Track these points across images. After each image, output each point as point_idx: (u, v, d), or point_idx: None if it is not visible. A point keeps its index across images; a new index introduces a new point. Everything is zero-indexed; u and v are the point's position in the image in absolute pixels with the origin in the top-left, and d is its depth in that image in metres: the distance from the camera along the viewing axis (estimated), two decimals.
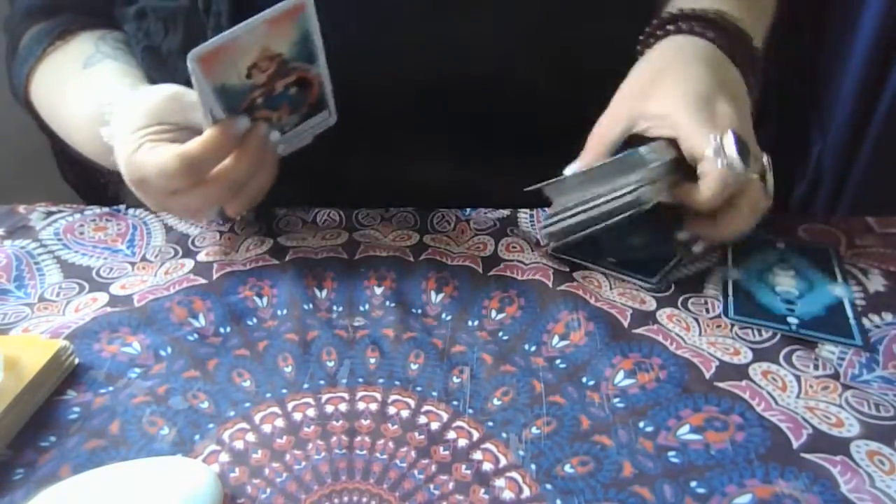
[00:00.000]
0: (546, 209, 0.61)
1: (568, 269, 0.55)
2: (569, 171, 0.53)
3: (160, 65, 0.61)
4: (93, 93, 0.59)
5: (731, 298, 0.52)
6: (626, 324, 0.50)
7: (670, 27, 0.56)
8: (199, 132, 0.50)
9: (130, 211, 0.61)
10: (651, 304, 0.51)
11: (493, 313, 0.51)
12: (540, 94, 0.61)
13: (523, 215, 0.61)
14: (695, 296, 0.52)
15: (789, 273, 0.54)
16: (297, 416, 0.43)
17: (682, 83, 0.52)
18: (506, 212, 0.61)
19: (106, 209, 0.61)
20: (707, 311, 0.51)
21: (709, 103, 0.50)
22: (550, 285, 0.53)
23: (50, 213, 0.61)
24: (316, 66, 0.50)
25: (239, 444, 0.41)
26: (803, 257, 0.55)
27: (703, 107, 0.50)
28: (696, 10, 0.55)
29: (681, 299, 0.52)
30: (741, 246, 0.56)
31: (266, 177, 0.52)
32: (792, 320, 0.50)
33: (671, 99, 0.51)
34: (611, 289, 0.53)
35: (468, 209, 0.62)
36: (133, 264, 0.56)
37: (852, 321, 0.49)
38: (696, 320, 0.50)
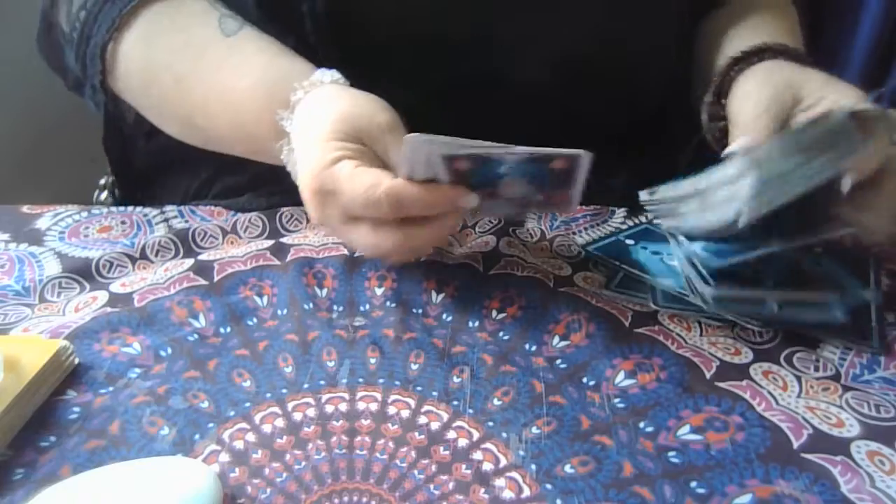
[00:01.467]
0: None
1: (570, 273, 0.55)
2: (736, 147, 0.50)
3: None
4: (255, 69, 0.54)
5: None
6: (626, 324, 0.50)
7: (743, 65, 0.56)
8: (381, 159, 0.47)
9: (137, 210, 0.61)
10: (652, 306, 0.51)
11: (494, 313, 0.51)
12: (554, 93, 0.61)
13: (531, 214, 0.61)
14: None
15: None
16: (298, 416, 0.43)
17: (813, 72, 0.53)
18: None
19: (113, 209, 0.61)
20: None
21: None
22: (552, 285, 0.53)
23: (56, 215, 0.61)
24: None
25: (239, 444, 0.41)
26: (838, 264, 0.54)
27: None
28: (776, 44, 0.57)
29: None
30: None
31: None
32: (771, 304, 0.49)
33: (821, 76, 0.52)
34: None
35: None
36: (133, 259, 0.56)
37: (874, 324, 0.49)
38: (698, 320, 0.50)
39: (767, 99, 0.51)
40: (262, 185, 0.64)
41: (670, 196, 0.53)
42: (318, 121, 0.48)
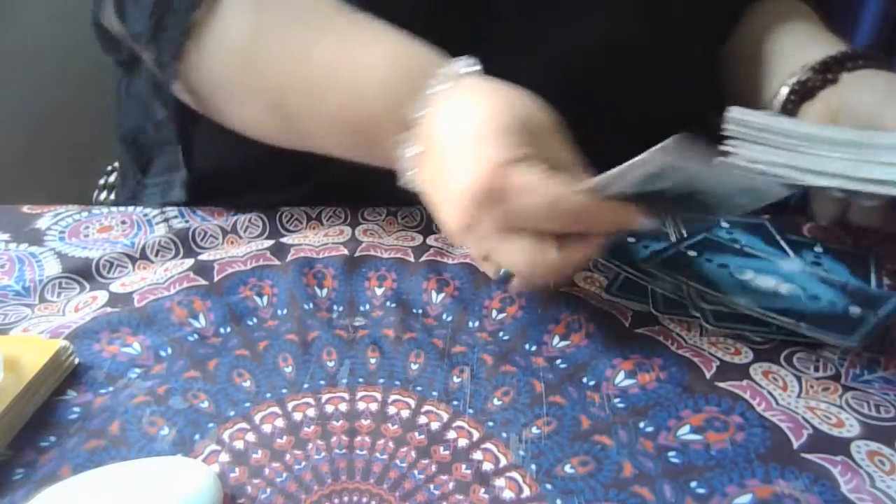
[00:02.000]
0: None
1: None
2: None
3: None
4: (389, 49, 0.48)
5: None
6: (627, 324, 0.50)
7: (851, 63, 0.57)
8: (547, 163, 0.42)
9: (138, 210, 0.61)
10: (652, 311, 0.51)
11: (494, 313, 0.51)
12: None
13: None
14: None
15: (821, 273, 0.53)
16: (298, 416, 0.43)
17: None
18: None
19: (113, 209, 0.61)
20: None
21: None
22: (552, 285, 0.53)
23: (56, 215, 0.61)
24: None
25: (239, 444, 0.41)
26: (838, 261, 0.54)
27: None
28: (856, 51, 0.57)
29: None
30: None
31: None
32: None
33: None
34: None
35: None
36: (133, 259, 0.56)
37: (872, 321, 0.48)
38: (699, 321, 0.50)
39: None
40: (264, 185, 0.63)
41: (787, 129, 0.49)
42: (479, 115, 0.43)
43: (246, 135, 0.56)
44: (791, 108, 0.57)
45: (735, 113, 0.51)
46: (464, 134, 0.43)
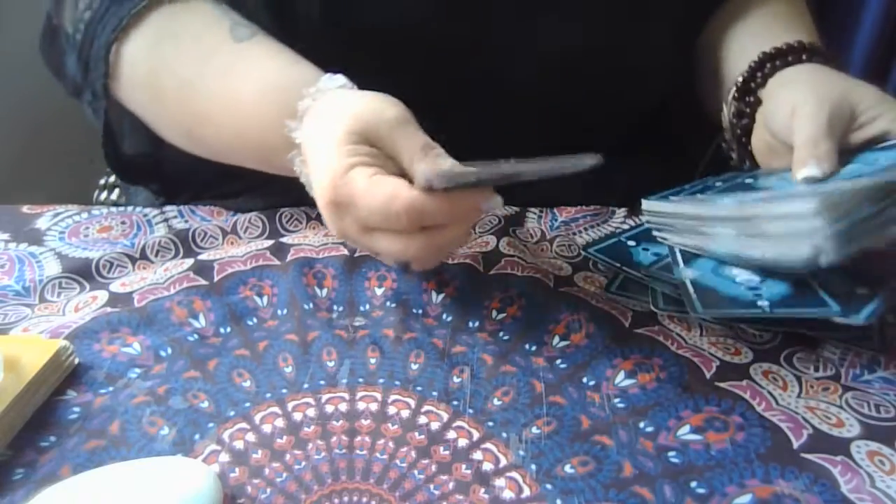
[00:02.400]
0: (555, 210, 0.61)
1: (570, 273, 0.55)
2: (805, 174, 0.48)
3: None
4: (264, 76, 0.52)
5: (694, 296, 0.48)
6: (626, 324, 0.50)
7: (777, 62, 0.56)
8: (393, 158, 0.45)
9: (138, 210, 0.61)
10: (652, 309, 0.51)
11: (494, 313, 0.51)
12: (554, 97, 0.61)
13: (532, 215, 0.61)
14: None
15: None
16: (298, 416, 0.43)
17: (862, 85, 0.51)
18: (514, 209, 0.61)
19: (113, 209, 0.61)
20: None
21: None
22: (552, 285, 0.53)
23: (56, 214, 0.61)
24: None
25: (239, 444, 0.41)
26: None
27: None
28: (787, 45, 0.56)
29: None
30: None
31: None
32: (762, 303, 0.46)
33: (875, 92, 0.50)
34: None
35: None
36: (133, 259, 0.56)
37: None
38: (698, 322, 0.50)
39: (828, 118, 0.49)
40: (261, 186, 0.63)
41: (684, 212, 0.51)
42: (327, 126, 0.46)
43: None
44: (744, 109, 0.56)
45: (645, 205, 0.53)
46: (317, 146, 0.46)
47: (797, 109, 0.50)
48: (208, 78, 0.53)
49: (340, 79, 0.50)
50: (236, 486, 0.39)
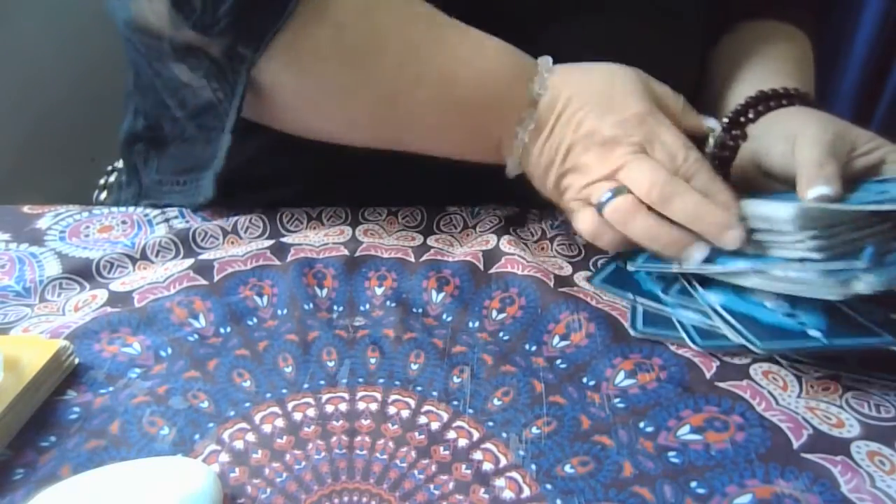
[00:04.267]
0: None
1: (570, 273, 0.55)
2: (816, 192, 0.48)
3: None
4: (492, 45, 0.55)
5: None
6: (627, 324, 0.50)
7: (770, 103, 0.57)
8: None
9: (138, 210, 0.61)
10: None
11: (494, 313, 0.51)
12: None
13: (532, 215, 0.61)
14: None
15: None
16: (298, 416, 0.43)
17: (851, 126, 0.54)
18: (514, 209, 0.61)
19: (113, 209, 0.61)
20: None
21: None
22: (552, 285, 0.53)
23: (57, 215, 0.61)
24: None
25: (239, 444, 0.41)
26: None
27: None
28: (784, 89, 0.58)
29: None
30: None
31: None
32: (814, 333, 0.45)
33: (869, 132, 0.53)
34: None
35: (476, 207, 0.61)
36: (133, 260, 0.56)
37: (860, 318, 0.46)
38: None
39: (832, 142, 0.50)
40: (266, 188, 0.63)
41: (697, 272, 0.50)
42: (606, 66, 0.54)
43: (317, 138, 0.57)
44: (728, 142, 0.57)
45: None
46: (604, 82, 0.53)
47: (799, 136, 0.52)
48: (428, 44, 0.53)
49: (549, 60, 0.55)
50: (236, 486, 0.39)
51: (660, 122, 0.52)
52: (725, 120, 0.58)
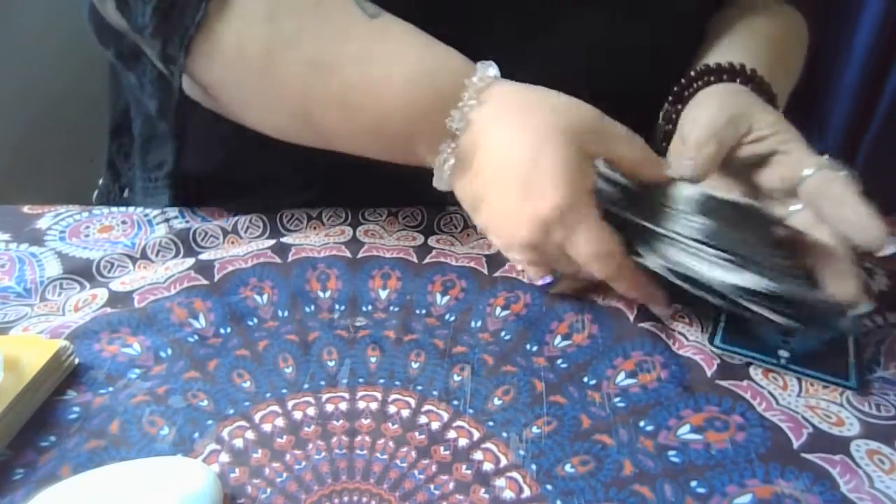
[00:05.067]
0: None
1: None
2: (676, 171, 0.49)
3: None
4: (408, 61, 0.49)
5: (721, 325, 0.48)
6: (630, 321, 0.50)
7: (710, 78, 0.56)
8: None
9: (138, 210, 0.61)
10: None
11: (498, 310, 0.51)
12: None
13: None
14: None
15: None
16: (298, 415, 0.43)
17: (768, 108, 0.52)
18: None
19: (113, 209, 0.61)
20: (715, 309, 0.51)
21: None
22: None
23: (57, 214, 0.61)
24: None
25: (239, 443, 0.41)
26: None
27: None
28: (729, 64, 0.56)
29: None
30: None
31: None
32: (783, 353, 0.46)
33: (776, 116, 0.51)
34: None
35: None
36: (133, 260, 0.56)
37: (851, 359, 0.46)
38: (699, 318, 0.50)
39: (722, 126, 0.49)
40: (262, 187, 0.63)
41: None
42: (540, 120, 0.46)
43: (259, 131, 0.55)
44: (671, 115, 0.56)
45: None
46: (530, 140, 0.46)
47: (697, 117, 0.51)
48: (345, 60, 0.49)
49: (493, 67, 0.49)
50: (236, 486, 0.39)
51: (578, 220, 0.46)
52: (675, 88, 0.57)
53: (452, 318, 0.50)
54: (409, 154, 0.51)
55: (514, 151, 0.47)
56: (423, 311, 0.51)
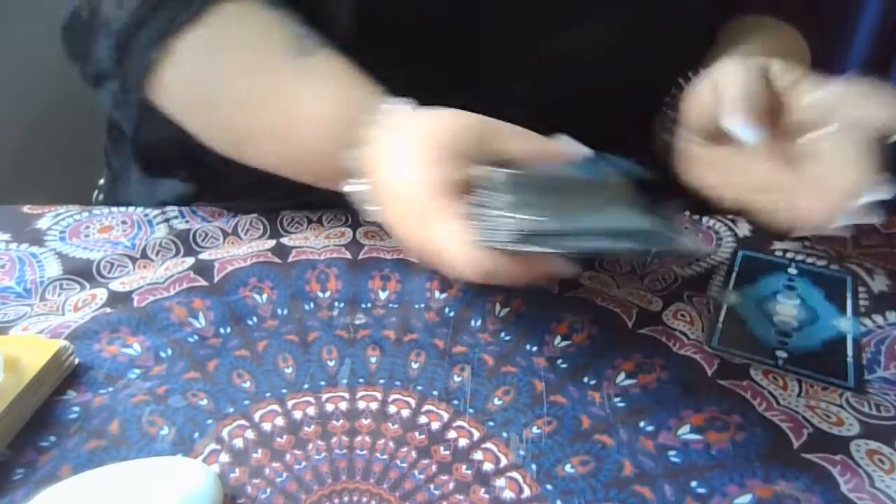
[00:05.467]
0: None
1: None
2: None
3: None
4: (318, 103, 0.50)
5: (718, 327, 0.48)
6: (629, 324, 0.50)
7: None
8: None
9: (138, 210, 0.61)
10: (657, 305, 0.51)
11: (498, 307, 0.51)
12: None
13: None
14: (697, 295, 0.52)
15: (793, 301, 0.50)
16: (297, 415, 0.43)
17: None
18: None
19: (113, 209, 0.61)
20: (709, 310, 0.51)
21: None
22: (556, 291, 0.53)
23: (57, 214, 0.61)
24: None
25: (238, 443, 0.41)
26: (815, 286, 0.52)
27: None
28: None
29: (686, 294, 0.52)
30: (747, 268, 0.53)
31: None
32: (780, 354, 0.46)
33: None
34: (618, 287, 0.53)
35: None
36: (133, 260, 0.56)
37: (849, 359, 0.46)
38: (700, 316, 0.50)
39: (752, 74, 0.46)
40: (262, 190, 0.63)
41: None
42: (402, 146, 0.45)
43: None
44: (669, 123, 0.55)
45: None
46: (399, 164, 0.45)
47: (720, 79, 0.47)
48: (260, 96, 0.51)
49: (408, 103, 0.49)
50: (236, 486, 0.39)
51: (444, 241, 0.43)
52: (676, 92, 0.54)
53: (452, 318, 0.50)
54: (330, 184, 0.51)
55: (390, 185, 0.45)
56: (423, 312, 0.51)
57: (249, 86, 0.51)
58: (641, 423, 0.42)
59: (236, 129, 0.53)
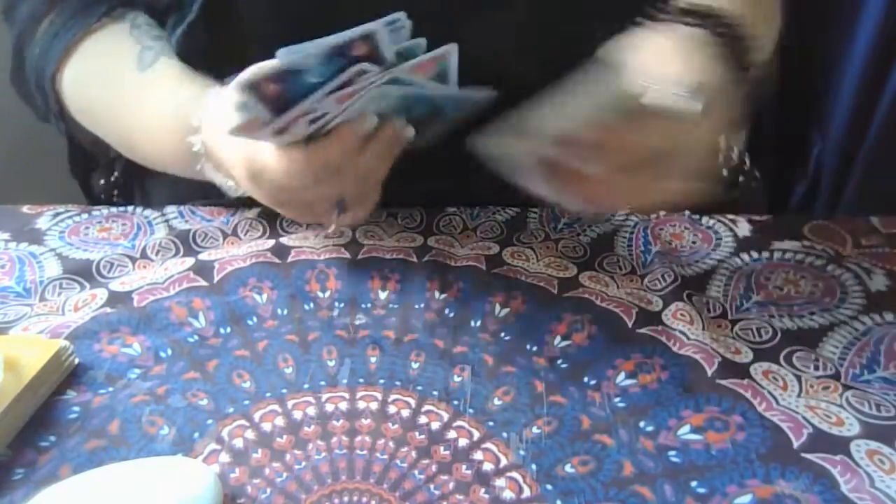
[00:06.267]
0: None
1: (574, 273, 0.55)
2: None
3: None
4: (158, 105, 0.57)
5: None
6: (629, 324, 0.50)
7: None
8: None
9: (138, 211, 0.61)
10: (657, 305, 0.51)
11: (497, 307, 0.51)
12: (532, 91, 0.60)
13: (533, 216, 0.61)
14: (696, 294, 0.52)
15: None
16: (297, 415, 0.43)
17: None
18: (514, 210, 0.61)
19: (113, 209, 0.61)
20: (709, 310, 0.51)
21: None
22: (556, 285, 0.53)
23: (56, 214, 0.61)
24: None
25: (238, 443, 0.41)
26: None
27: None
28: (690, 5, 0.53)
29: (686, 293, 0.52)
30: None
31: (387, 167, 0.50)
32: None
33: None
34: (618, 287, 0.53)
35: (476, 208, 0.61)
36: (133, 260, 0.56)
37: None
38: (700, 315, 0.50)
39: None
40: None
41: None
42: (222, 123, 0.48)
43: None
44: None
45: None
46: (222, 142, 0.51)
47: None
48: (121, 109, 0.60)
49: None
50: (236, 486, 0.39)
51: (262, 166, 0.48)
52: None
53: (452, 318, 0.50)
54: (203, 176, 0.56)
55: (220, 153, 0.52)
56: (422, 312, 0.51)
57: (110, 99, 0.60)
58: (641, 423, 0.42)
59: (116, 135, 0.63)
